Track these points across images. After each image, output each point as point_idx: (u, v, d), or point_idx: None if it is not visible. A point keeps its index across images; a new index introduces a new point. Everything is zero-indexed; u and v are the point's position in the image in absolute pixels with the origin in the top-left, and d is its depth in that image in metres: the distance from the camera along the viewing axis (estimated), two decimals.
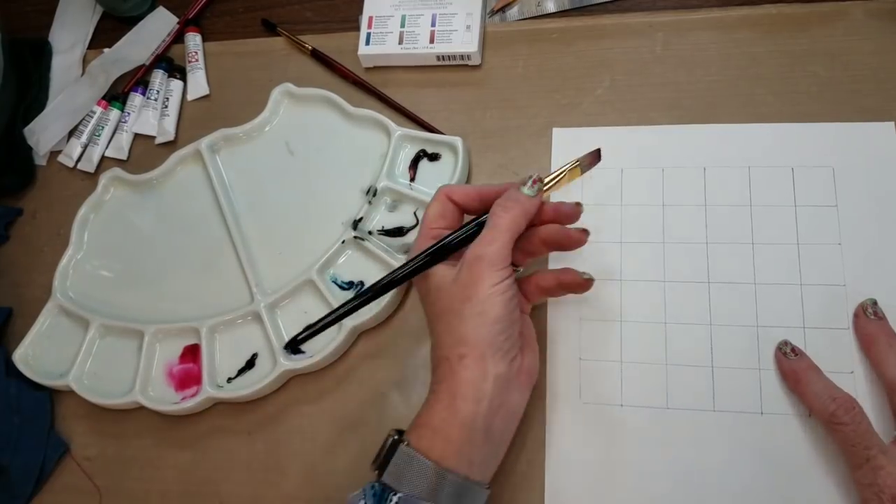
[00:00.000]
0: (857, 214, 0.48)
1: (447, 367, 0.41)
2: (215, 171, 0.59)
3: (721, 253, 0.49)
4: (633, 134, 0.53)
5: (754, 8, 0.55)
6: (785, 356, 0.45)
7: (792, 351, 0.45)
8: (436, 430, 0.40)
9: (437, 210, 0.46)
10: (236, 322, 0.54)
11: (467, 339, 0.41)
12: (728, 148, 0.51)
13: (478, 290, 0.41)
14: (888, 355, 0.43)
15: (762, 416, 0.45)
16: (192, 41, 0.65)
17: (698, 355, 0.47)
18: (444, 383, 0.41)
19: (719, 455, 0.45)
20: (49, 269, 0.58)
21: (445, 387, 0.40)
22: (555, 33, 0.58)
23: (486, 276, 0.41)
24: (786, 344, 0.45)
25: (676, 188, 0.51)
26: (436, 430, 0.40)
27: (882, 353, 0.43)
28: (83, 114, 0.64)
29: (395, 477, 0.39)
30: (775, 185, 0.50)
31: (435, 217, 0.46)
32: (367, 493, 0.39)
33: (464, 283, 0.41)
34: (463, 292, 0.41)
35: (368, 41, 0.60)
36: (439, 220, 0.46)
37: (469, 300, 0.41)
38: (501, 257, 0.41)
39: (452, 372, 0.40)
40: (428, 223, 0.46)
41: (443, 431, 0.40)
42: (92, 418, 0.55)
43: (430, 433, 0.40)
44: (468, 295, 0.41)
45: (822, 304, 0.46)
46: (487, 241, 0.42)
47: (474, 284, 0.41)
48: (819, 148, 0.50)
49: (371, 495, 0.39)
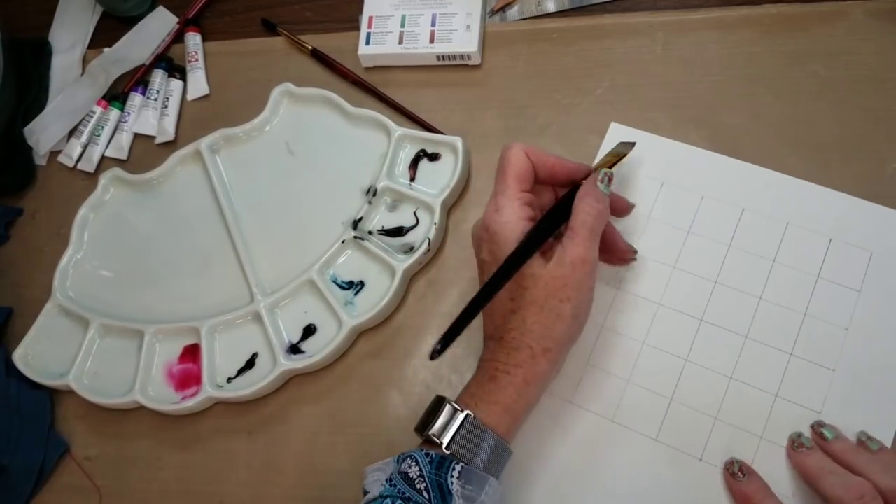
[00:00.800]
0: (877, 306, 0.46)
1: (528, 354, 0.42)
2: (215, 171, 0.59)
3: (725, 296, 0.48)
4: (684, 152, 0.52)
5: (754, 8, 0.55)
6: (733, 476, 0.43)
7: (740, 471, 0.43)
8: (506, 409, 0.42)
9: (522, 166, 0.44)
10: (236, 322, 0.54)
11: (558, 338, 0.42)
12: (773, 197, 0.49)
13: (579, 294, 0.42)
14: (824, 479, 0.41)
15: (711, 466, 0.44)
16: (192, 41, 0.65)
17: (662, 384, 0.47)
18: (521, 368, 0.42)
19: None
20: (49, 269, 0.58)
21: (522, 373, 0.42)
22: (555, 33, 0.58)
23: (587, 281, 0.42)
24: (732, 464, 0.44)
25: (708, 219, 0.50)
26: (507, 408, 0.42)
27: (820, 480, 0.41)
28: (83, 114, 0.64)
29: (463, 447, 0.40)
30: (807, 250, 0.48)
31: (521, 174, 0.44)
32: (420, 459, 0.40)
33: (565, 281, 0.41)
34: (563, 291, 0.41)
35: (368, 41, 0.60)
36: (523, 181, 0.44)
37: (569, 301, 0.42)
38: (597, 261, 0.43)
39: (535, 362, 0.42)
40: (515, 180, 0.44)
41: (512, 411, 0.42)
42: (92, 418, 0.55)
43: (500, 410, 0.42)
44: (569, 296, 0.41)
45: (804, 380, 0.45)
46: (589, 244, 0.42)
47: (577, 287, 0.42)
48: (866, 228, 0.48)
49: (426, 462, 0.39)
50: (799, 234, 0.48)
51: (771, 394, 0.45)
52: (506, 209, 0.43)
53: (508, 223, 0.43)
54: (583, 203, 0.43)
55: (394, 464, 0.41)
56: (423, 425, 0.42)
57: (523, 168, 0.44)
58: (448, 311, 0.53)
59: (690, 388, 0.46)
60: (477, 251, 0.45)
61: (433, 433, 0.41)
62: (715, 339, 0.47)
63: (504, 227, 0.43)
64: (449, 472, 0.39)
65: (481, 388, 0.42)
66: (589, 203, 0.43)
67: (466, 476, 0.39)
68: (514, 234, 0.42)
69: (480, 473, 0.40)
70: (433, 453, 0.40)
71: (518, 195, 0.44)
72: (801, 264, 0.48)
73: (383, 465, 0.43)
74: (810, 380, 0.45)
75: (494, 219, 0.43)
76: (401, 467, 0.40)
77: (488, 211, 0.44)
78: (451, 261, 0.54)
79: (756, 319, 0.47)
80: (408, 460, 0.40)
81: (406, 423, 0.50)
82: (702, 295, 0.48)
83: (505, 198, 0.44)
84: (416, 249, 0.53)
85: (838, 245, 0.48)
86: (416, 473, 0.39)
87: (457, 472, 0.39)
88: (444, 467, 0.39)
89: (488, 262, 0.43)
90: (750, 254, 0.49)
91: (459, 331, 0.41)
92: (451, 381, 0.51)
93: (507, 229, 0.43)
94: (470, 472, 0.40)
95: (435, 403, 0.42)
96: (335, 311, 0.52)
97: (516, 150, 0.44)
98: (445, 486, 0.39)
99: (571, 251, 0.42)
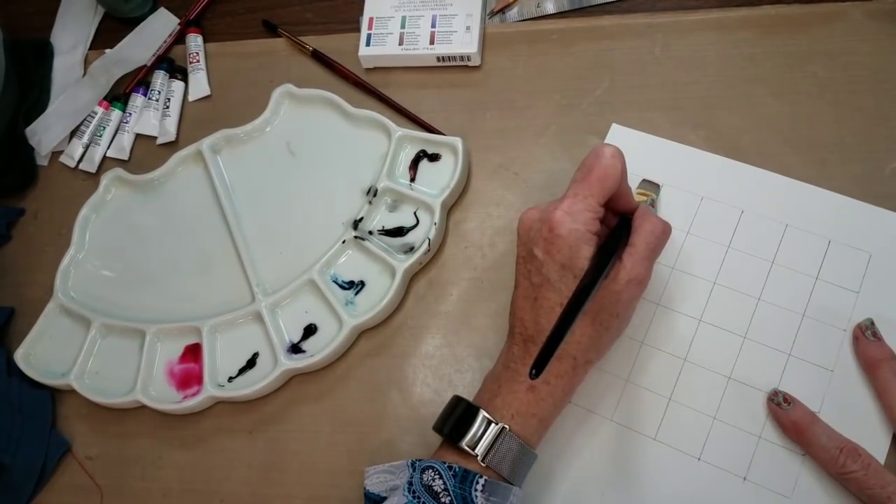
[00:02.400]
0: (875, 307, 0.46)
1: (571, 365, 0.42)
2: (216, 172, 0.59)
3: (723, 296, 0.48)
4: (683, 153, 0.52)
5: (753, 9, 0.55)
6: (779, 407, 0.44)
7: (784, 400, 0.44)
8: (542, 421, 0.42)
9: (615, 179, 0.41)
10: (237, 322, 0.54)
11: (602, 351, 0.43)
12: (772, 199, 0.50)
13: (628, 311, 0.42)
14: (893, 384, 0.42)
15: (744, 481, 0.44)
16: (193, 42, 0.65)
17: (663, 385, 0.47)
18: (563, 379, 0.42)
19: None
20: (51, 269, 0.58)
21: (563, 384, 0.42)
22: (554, 34, 0.58)
23: (636, 300, 0.43)
24: (777, 394, 0.44)
25: (707, 221, 0.50)
26: (542, 420, 0.42)
27: (888, 381, 0.43)
28: (85, 114, 0.64)
29: (495, 459, 0.40)
30: (806, 251, 0.48)
31: (610, 188, 0.41)
32: (443, 473, 0.39)
33: (619, 297, 0.41)
34: (616, 307, 0.41)
35: (369, 42, 0.60)
36: (607, 194, 0.42)
37: (618, 318, 0.42)
38: (649, 280, 0.42)
39: (575, 373, 0.42)
40: (601, 190, 0.41)
41: (546, 423, 0.43)
42: (93, 417, 0.55)
43: (536, 423, 0.42)
44: (618, 312, 0.41)
45: (803, 381, 0.45)
46: (648, 264, 0.42)
47: (628, 305, 0.42)
48: (864, 230, 0.48)
49: (450, 475, 0.39)
50: (798, 236, 0.49)
51: (765, 393, 0.45)
52: (580, 216, 0.41)
53: (576, 231, 0.40)
54: (646, 222, 0.42)
55: (408, 469, 0.41)
56: (451, 430, 0.41)
57: (614, 182, 0.41)
58: (448, 311, 0.53)
59: (689, 388, 0.46)
60: (526, 244, 0.43)
61: (467, 444, 0.40)
62: (714, 339, 0.47)
63: (572, 233, 0.40)
64: (473, 486, 0.39)
65: (517, 397, 0.42)
66: (652, 222, 0.42)
67: (491, 489, 0.39)
68: (577, 244, 0.40)
69: (504, 485, 0.40)
70: (456, 467, 0.39)
71: (597, 208, 0.41)
72: (800, 265, 0.48)
73: (391, 468, 0.42)
74: (809, 380, 0.45)
75: (564, 221, 0.40)
76: (423, 478, 0.39)
77: (558, 210, 0.41)
78: (451, 261, 0.54)
79: (755, 320, 0.47)
80: (429, 471, 0.40)
81: (406, 423, 0.50)
82: (700, 296, 0.48)
83: (584, 205, 0.41)
84: (416, 249, 0.53)
85: (837, 247, 0.48)
86: (441, 487, 0.39)
87: (480, 486, 0.39)
88: (467, 481, 0.39)
89: (541, 261, 0.41)
90: (749, 255, 0.49)
91: (552, 353, 0.37)
92: (451, 380, 0.51)
93: (574, 237, 0.40)
94: (494, 485, 0.39)
95: (465, 409, 0.42)
96: (336, 311, 0.52)
97: (616, 159, 0.41)
98: (470, 500, 0.38)
99: (631, 268, 0.41)
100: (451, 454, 0.41)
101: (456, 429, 0.41)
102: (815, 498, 0.43)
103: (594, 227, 0.41)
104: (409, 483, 0.40)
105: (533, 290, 0.42)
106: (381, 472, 0.43)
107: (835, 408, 0.44)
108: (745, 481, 0.44)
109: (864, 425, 0.43)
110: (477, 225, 0.55)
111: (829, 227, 0.48)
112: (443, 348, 0.52)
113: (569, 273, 0.41)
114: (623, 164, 0.42)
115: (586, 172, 0.42)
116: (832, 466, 0.41)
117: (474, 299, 0.53)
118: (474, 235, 0.55)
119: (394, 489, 0.41)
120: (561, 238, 0.41)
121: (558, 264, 0.41)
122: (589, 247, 0.41)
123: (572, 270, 0.40)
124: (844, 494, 0.42)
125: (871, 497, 0.40)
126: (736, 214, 0.50)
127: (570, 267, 0.41)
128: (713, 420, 0.45)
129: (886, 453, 0.43)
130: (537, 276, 0.42)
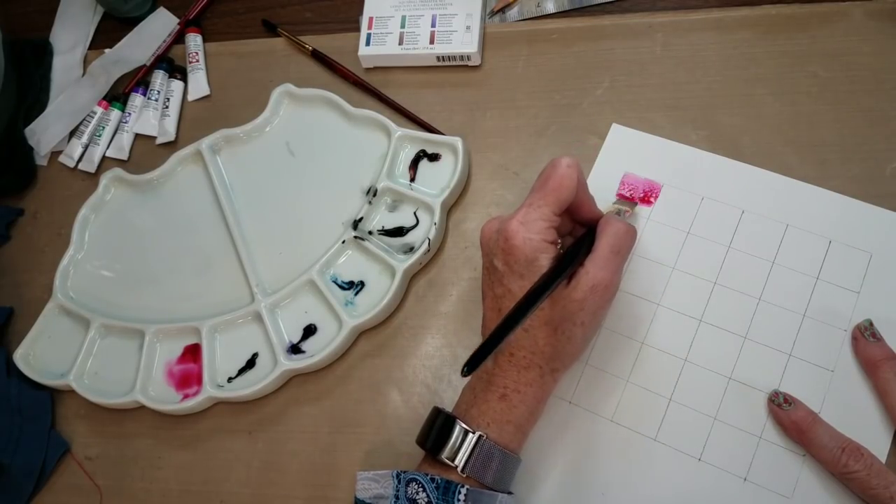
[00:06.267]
0: (876, 307, 0.46)
1: (537, 374, 0.42)
2: (216, 172, 0.59)
3: (724, 297, 0.48)
4: (684, 153, 0.52)
5: (753, 8, 0.55)
6: (780, 408, 0.44)
7: (785, 401, 0.44)
8: (518, 427, 0.42)
9: (569, 190, 0.41)
10: (237, 322, 0.54)
11: (568, 361, 0.43)
12: (773, 199, 0.50)
13: (594, 320, 0.42)
14: (894, 384, 0.42)
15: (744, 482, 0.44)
16: (192, 42, 0.65)
17: (663, 385, 0.47)
18: (532, 388, 0.42)
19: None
20: (50, 269, 0.58)
21: (533, 392, 0.42)
22: (554, 34, 0.58)
23: (605, 307, 0.42)
24: (777, 395, 0.44)
25: (708, 221, 0.50)
26: (518, 426, 0.42)
27: (888, 382, 0.43)
28: (84, 114, 0.64)
29: (476, 468, 0.40)
30: (806, 251, 0.48)
31: (566, 198, 0.41)
32: (426, 486, 0.39)
33: (582, 305, 0.40)
34: (579, 315, 0.41)
35: (369, 42, 0.60)
36: (563, 204, 0.42)
37: (583, 326, 0.41)
38: (618, 287, 0.42)
39: (543, 381, 0.42)
40: (556, 201, 0.41)
41: (523, 428, 0.43)
42: (92, 418, 0.55)
43: (513, 429, 0.42)
44: (583, 320, 0.41)
45: (803, 381, 0.45)
46: (613, 268, 0.41)
47: (593, 313, 0.41)
48: (865, 230, 0.48)
49: (433, 488, 0.39)
50: (798, 236, 0.49)
51: (766, 394, 0.45)
52: (534, 225, 0.41)
53: (531, 241, 0.41)
54: (608, 226, 0.42)
55: (392, 479, 0.41)
56: (432, 444, 0.41)
57: (570, 192, 0.42)
58: (448, 311, 0.53)
59: (689, 389, 0.46)
60: (488, 255, 0.43)
61: (446, 457, 0.40)
62: (714, 339, 0.47)
63: (526, 243, 0.41)
64: (455, 496, 0.39)
65: (490, 406, 0.42)
66: (614, 225, 0.42)
67: (474, 497, 0.39)
68: (533, 254, 0.41)
69: (488, 492, 0.40)
70: (438, 478, 0.40)
71: (551, 217, 0.41)
72: (801, 266, 0.48)
73: (377, 476, 0.42)
74: (809, 381, 0.45)
75: (518, 231, 0.41)
76: (407, 492, 0.40)
77: (513, 220, 0.41)
78: (451, 261, 0.54)
79: (755, 320, 0.47)
80: (412, 484, 0.40)
81: (406, 424, 0.50)
82: (701, 296, 0.48)
83: (538, 214, 0.41)
84: (416, 249, 0.53)
85: (837, 247, 0.48)
86: (424, 500, 0.39)
87: (463, 495, 0.39)
88: (450, 492, 0.39)
89: (501, 272, 0.42)
90: (749, 255, 0.49)
91: (486, 354, 0.38)
92: (451, 381, 0.51)
93: (529, 247, 0.41)
94: (477, 493, 0.39)
95: (443, 421, 0.42)
96: (335, 311, 0.52)
97: (571, 170, 0.42)
98: None
99: (594, 274, 0.40)
100: (434, 465, 0.41)
101: (433, 439, 0.41)
102: (816, 498, 0.42)
103: (549, 235, 0.41)
104: (395, 496, 0.40)
105: (496, 301, 0.43)
106: (367, 479, 0.43)
107: (835, 408, 0.44)
108: (746, 482, 0.44)
109: (864, 426, 0.43)
110: (477, 225, 0.55)
111: (830, 227, 0.48)
112: (443, 349, 0.52)
113: (527, 283, 0.41)
114: (579, 174, 0.42)
115: (542, 182, 0.42)
116: (834, 466, 0.41)
117: (474, 299, 0.53)
118: (474, 235, 0.54)
119: (378, 497, 0.41)
120: (517, 248, 0.41)
121: (517, 275, 0.41)
122: (546, 255, 0.41)
123: (531, 280, 0.41)
124: (845, 495, 0.42)
125: (874, 497, 0.40)
126: (736, 214, 0.50)
127: (528, 277, 0.41)
128: (713, 420, 0.45)
129: (887, 454, 0.43)
130: (500, 287, 0.42)
